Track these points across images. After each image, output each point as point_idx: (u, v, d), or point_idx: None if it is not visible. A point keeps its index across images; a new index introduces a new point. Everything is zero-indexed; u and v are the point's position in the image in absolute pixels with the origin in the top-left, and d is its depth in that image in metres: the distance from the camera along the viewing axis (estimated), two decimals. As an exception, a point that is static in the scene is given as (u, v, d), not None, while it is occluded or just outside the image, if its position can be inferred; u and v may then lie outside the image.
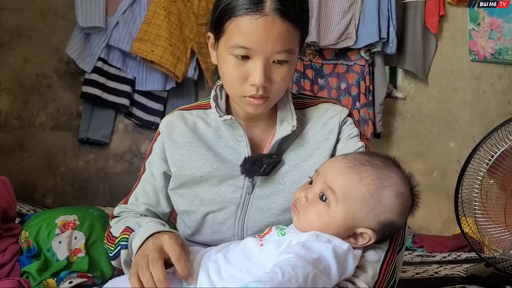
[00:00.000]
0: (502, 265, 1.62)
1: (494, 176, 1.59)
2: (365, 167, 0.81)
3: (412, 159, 2.86)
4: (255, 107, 0.88)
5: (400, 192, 0.81)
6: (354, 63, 2.69)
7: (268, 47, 0.82)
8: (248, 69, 0.84)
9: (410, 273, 1.77)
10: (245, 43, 0.82)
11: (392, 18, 2.63)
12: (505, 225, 1.57)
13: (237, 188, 0.93)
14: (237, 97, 0.89)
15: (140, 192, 1.00)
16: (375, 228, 0.80)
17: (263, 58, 0.83)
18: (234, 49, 0.83)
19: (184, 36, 2.49)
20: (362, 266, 0.80)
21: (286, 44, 0.83)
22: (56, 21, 2.53)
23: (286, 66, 0.86)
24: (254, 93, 0.85)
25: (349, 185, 0.79)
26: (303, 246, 0.72)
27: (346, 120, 0.97)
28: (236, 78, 0.85)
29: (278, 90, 0.88)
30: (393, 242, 0.86)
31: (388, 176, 0.81)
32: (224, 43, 0.86)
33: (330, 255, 0.72)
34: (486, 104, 2.97)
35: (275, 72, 0.85)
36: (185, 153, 0.95)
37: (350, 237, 0.80)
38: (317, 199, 0.81)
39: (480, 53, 2.93)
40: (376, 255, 0.83)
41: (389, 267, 0.83)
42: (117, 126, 2.62)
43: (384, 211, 0.80)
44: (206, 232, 0.95)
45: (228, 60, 0.85)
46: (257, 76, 0.83)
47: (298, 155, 0.94)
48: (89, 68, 2.44)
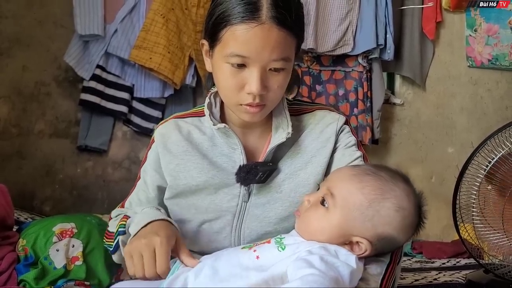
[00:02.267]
0: (501, 271, 1.62)
1: (492, 181, 1.59)
2: (368, 177, 0.81)
3: (410, 165, 2.86)
4: (252, 115, 0.87)
5: (402, 206, 0.80)
6: (352, 70, 2.70)
7: (265, 55, 0.81)
8: (245, 77, 0.83)
9: (409, 279, 1.76)
10: (241, 52, 0.81)
11: (390, 24, 2.64)
12: (503, 231, 1.57)
13: (233, 197, 0.93)
14: (233, 105, 0.88)
15: (134, 199, 1.00)
16: (371, 239, 0.79)
17: (259, 66, 0.82)
18: (230, 58, 0.82)
19: (182, 43, 2.50)
20: (365, 279, 0.79)
21: (283, 52, 0.83)
22: (54, 29, 2.54)
23: (283, 73, 0.85)
24: (251, 101, 0.84)
25: (349, 192, 0.80)
26: (322, 260, 0.72)
27: (344, 128, 0.97)
28: (232, 87, 0.85)
29: (275, 98, 0.87)
30: (394, 255, 0.86)
31: (390, 188, 0.80)
32: (219, 51, 0.85)
33: (346, 273, 0.72)
34: (484, 110, 2.98)
35: (272, 80, 0.84)
36: (180, 163, 0.94)
37: (346, 245, 0.80)
38: (318, 203, 0.82)
39: (477, 59, 2.94)
40: (378, 268, 0.82)
41: (390, 280, 0.82)
42: (116, 134, 2.62)
43: (382, 223, 0.79)
44: (203, 241, 0.94)
45: (224, 68, 0.84)
46: (254, 85, 0.82)
47: (295, 163, 0.94)
48: (87, 76, 2.44)
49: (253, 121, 0.90)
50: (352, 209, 0.79)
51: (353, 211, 0.79)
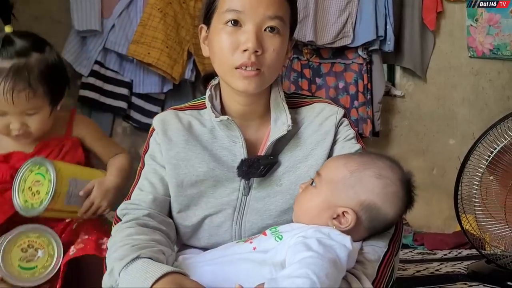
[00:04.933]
0: (503, 261, 1.61)
1: (494, 172, 1.58)
2: (354, 156, 0.87)
3: (412, 157, 2.85)
4: (248, 82, 0.85)
5: (383, 174, 0.82)
6: (352, 62, 2.68)
7: (259, 10, 0.83)
8: (240, 36, 0.85)
9: (411, 271, 1.76)
10: (236, 6, 0.84)
11: (389, 15, 2.62)
12: (505, 221, 1.56)
13: (233, 190, 0.92)
14: (229, 70, 0.87)
15: (144, 184, 0.94)
16: (356, 208, 0.81)
17: (255, 23, 0.84)
18: (225, 14, 0.84)
19: (180, 37, 2.48)
20: (361, 262, 0.80)
21: (277, 10, 0.85)
22: (51, 25, 2.52)
23: (278, 37, 0.86)
24: (246, 60, 0.84)
25: (335, 168, 0.85)
26: (320, 243, 0.73)
27: (343, 121, 0.97)
28: (228, 47, 0.85)
29: (271, 63, 0.86)
30: (392, 243, 0.86)
31: (373, 161, 0.85)
32: (216, 17, 0.87)
33: (343, 254, 0.74)
34: (485, 100, 2.96)
35: (267, 41, 0.85)
36: (180, 151, 0.93)
37: (334, 219, 0.82)
38: (308, 186, 0.87)
39: (478, 49, 2.92)
40: (375, 255, 0.83)
41: (387, 267, 0.82)
42: (115, 129, 2.61)
43: (364, 190, 0.82)
44: (204, 236, 0.94)
45: (220, 31, 0.86)
46: (249, 40, 0.83)
47: (295, 156, 0.93)
48: (86, 72, 2.43)
49: (248, 90, 0.87)
50: (336, 182, 0.83)
51: (337, 184, 0.83)
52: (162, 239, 0.85)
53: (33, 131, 1.14)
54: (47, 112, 1.15)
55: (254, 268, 0.75)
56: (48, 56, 1.16)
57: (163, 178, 0.93)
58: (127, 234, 0.83)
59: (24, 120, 1.12)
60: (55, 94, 1.16)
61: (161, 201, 0.93)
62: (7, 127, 1.12)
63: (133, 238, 0.81)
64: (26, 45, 1.12)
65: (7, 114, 1.10)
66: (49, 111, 1.16)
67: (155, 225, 0.88)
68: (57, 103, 1.19)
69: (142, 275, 0.71)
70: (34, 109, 1.12)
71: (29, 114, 1.12)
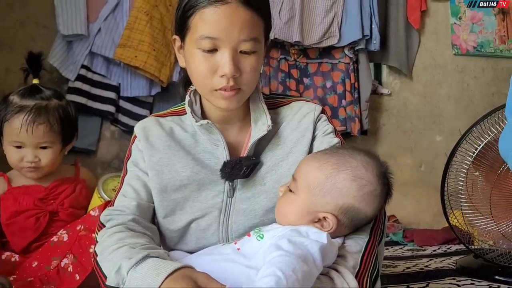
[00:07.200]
0: (490, 255, 1.64)
1: (479, 168, 1.60)
2: (326, 155, 0.86)
3: (400, 154, 2.88)
4: (228, 101, 0.87)
5: (358, 175, 0.82)
6: (339, 61, 2.70)
7: (234, 35, 0.83)
8: (217, 61, 0.85)
9: (401, 267, 1.78)
10: (211, 33, 0.83)
11: (375, 15, 2.65)
12: (491, 216, 1.59)
13: (218, 193, 0.93)
14: (208, 92, 0.88)
15: (127, 190, 0.94)
16: (335, 213, 0.82)
17: (230, 47, 0.84)
18: (200, 41, 0.84)
19: (167, 40, 2.48)
20: (343, 256, 0.81)
21: (251, 32, 0.85)
22: (37, 29, 2.50)
23: (254, 56, 0.86)
24: (225, 84, 0.85)
25: (309, 173, 0.84)
26: (290, 242, 0.74)
27: (320, 117, 0.98)
28: (205, 72, 0.85)
29: (249, 81, 0.88)
30: (373, 232, 0.87)
31: (346, 161, 0.84)
32: (190, 38, 0.86)
33: (315, 249, 0.74)
34: (471, 97, 3.00)
35: (244, 62, 0.86)
36: (163, 157, 0.94)
37: (316, 223, 0.83)
38: (288, 191, 0.87)
39: (462, 47, 2.96)
40: (357, 246, 0.84)
41: (370, 257, 0.83)
42: (104, 134, 2.59)
43: (341, 195, 0.82)
44: (191, 240, 0.94)
45: (196, 55, 0.86)
46: (226, 66, 0.83)
47: (276, 155, 0.95)
48: (72, 76, 2.41)
49: (229, 108, 0.89)
50: (312, 188, 0.83)
51: (313, 189, 0.83)
52: (151, 244, 0.85)
53: (43, 165, 1.29)
54: (58, 149, 1.31)
55: (240, 268, 0.76)
56: (65, 105, 1.36)
57: (146, 185, 0.94)
58: (118, 238, 0.83)
59: (37, 153, 1.28)
60: (67, 135, 1.34)
61: (145, 207, 0.93)
62: (21, 160, 1.28)
63: (125, 241, 0.81)
64: (48, 93, 1.34)
65: (23, 147, 1.27)
66: (59, 149, 1.32)
67: (141, 230, 0.88)
68: (67, 144, 1.36)
69: (154, 271, 0.72)
70: (48, 143, 1.28)
71: (42, 148, 1.28)
